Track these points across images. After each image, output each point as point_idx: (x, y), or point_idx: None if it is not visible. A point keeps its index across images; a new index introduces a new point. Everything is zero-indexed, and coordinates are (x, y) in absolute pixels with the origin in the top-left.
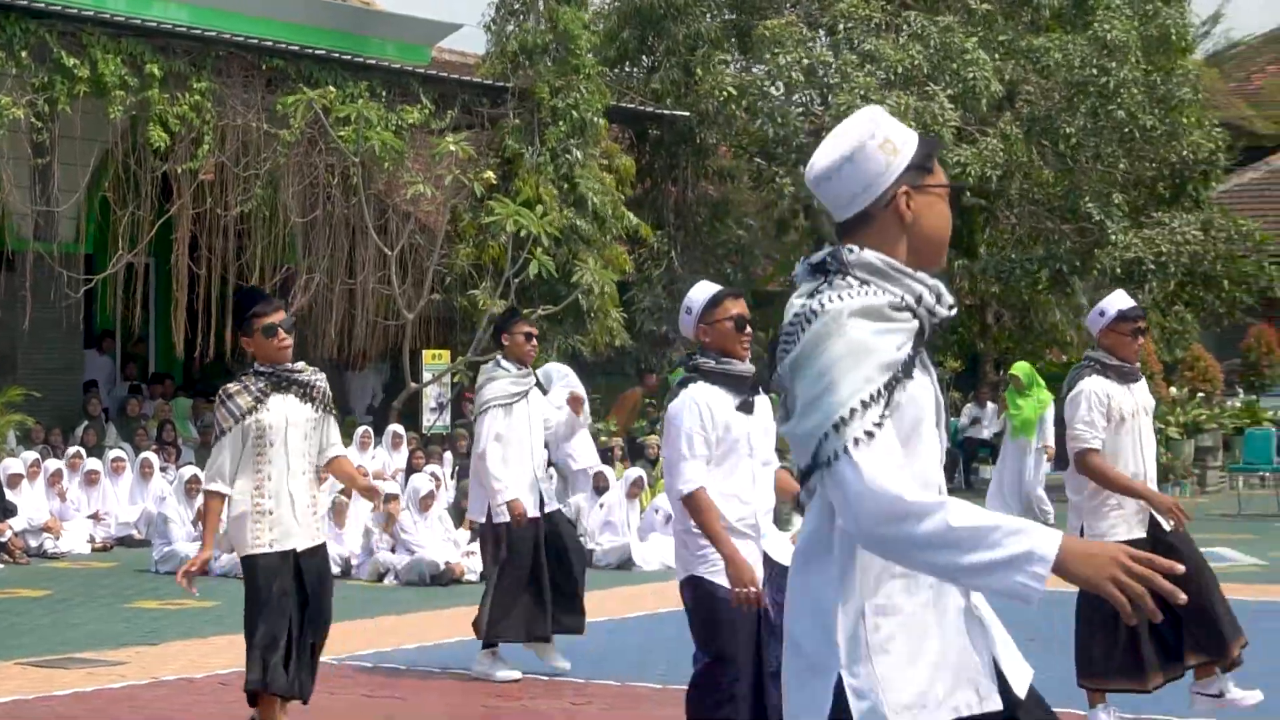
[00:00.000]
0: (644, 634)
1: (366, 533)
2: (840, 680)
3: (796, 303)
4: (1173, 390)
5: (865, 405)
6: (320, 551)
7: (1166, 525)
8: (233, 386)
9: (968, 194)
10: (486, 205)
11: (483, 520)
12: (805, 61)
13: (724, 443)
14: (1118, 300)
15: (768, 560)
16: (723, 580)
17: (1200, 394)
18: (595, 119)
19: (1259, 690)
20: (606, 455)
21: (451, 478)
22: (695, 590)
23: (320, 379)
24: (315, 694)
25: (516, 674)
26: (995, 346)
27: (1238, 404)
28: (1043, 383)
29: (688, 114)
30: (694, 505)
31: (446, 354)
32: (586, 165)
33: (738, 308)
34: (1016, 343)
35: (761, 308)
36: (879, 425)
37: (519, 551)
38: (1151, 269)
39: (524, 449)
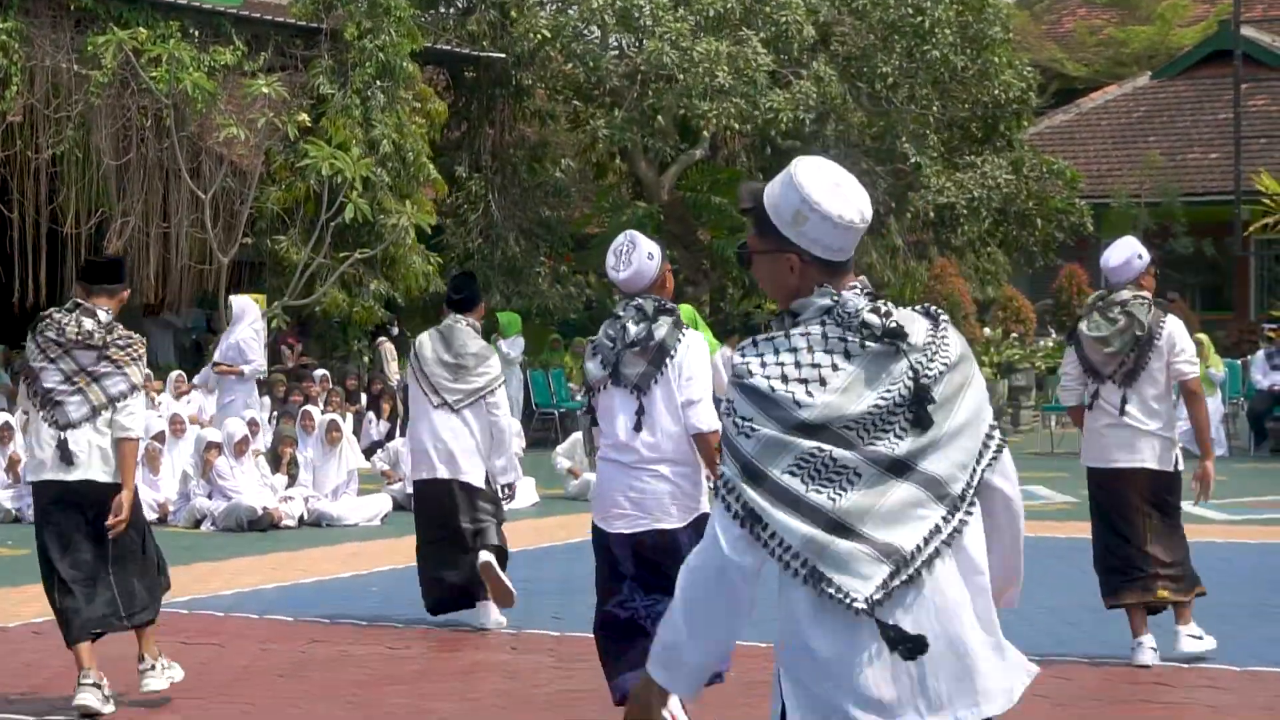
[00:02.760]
0: None
1: (184, 478)
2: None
3: (924, 329)
4: (986, 330)
5: None
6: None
7: None
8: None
9: (782, 140)
10: (300, 148)
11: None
12: (619, 4)
13: None
14: (1135, 244)
15: None
16: None
17: (1013, 334)
18: (403, 62)
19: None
20: None
21: (269, 421)
22: (699, 528)
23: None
24: (131, 642)
25: (501, 619)
26: None
27: (1050, 344)
28: None
29: (503, 56)
30: (714, 442)
31: (263, 298)
32: (390, 109)
33: None
34: None
35: (579, 251)
36: None
37: (425, 512)
38: (964, 214)
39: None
